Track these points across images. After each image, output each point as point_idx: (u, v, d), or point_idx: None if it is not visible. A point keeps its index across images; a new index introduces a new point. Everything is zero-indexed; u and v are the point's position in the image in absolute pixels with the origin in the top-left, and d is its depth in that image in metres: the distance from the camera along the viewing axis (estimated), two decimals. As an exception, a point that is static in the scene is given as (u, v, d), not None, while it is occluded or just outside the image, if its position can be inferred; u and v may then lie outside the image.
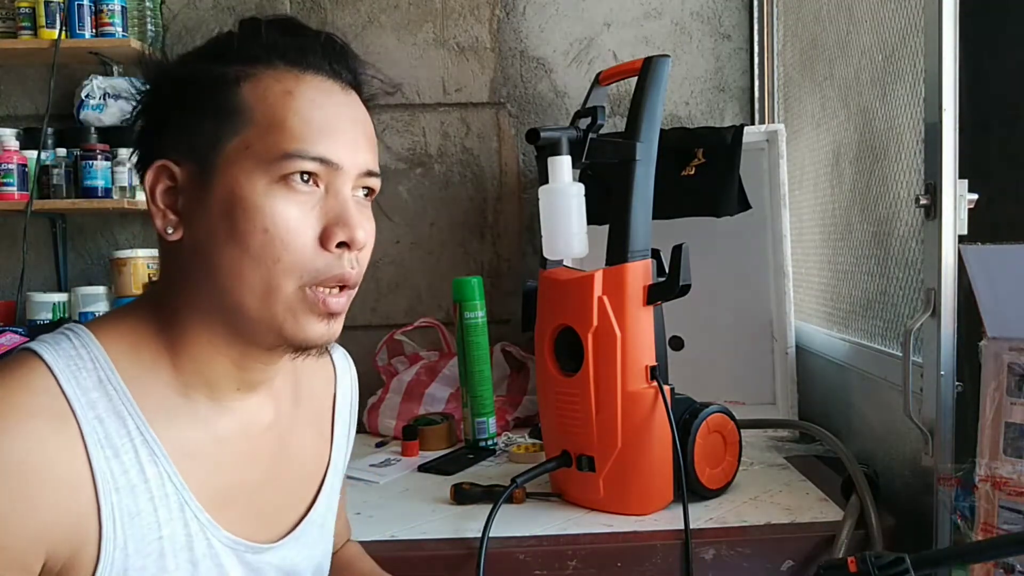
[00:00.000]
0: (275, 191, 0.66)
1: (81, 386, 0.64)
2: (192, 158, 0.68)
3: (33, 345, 0.66)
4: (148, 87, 0.71)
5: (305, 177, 0.66)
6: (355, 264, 0.69)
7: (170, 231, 0.69)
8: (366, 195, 0.72)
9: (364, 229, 0.69)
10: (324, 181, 0.68)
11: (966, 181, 1.02)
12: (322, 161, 0.67)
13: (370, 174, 0.71)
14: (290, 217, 0.66)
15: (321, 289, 0.68)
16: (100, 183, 1.74)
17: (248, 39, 0.69)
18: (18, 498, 0.59)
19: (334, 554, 0.95)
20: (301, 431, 0.82)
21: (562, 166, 1.14)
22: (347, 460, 0.90)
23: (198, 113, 0.67)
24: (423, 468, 1.42)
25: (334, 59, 0.70)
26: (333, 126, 0.68)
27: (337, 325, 0.71)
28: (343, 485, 0.95)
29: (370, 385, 1.75)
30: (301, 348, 0.70)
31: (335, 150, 0.68)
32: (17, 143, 1.76)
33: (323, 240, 0.67)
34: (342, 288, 0.69)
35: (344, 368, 0.92)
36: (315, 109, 0.68)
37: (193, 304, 0.69)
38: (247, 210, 0.65)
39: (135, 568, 0.65)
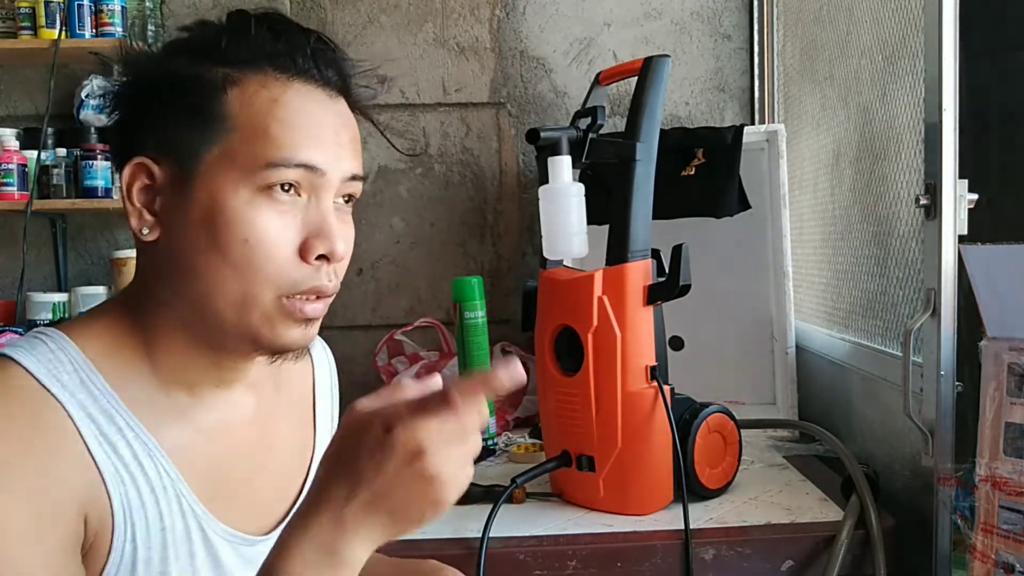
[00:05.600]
0: (258, 201, 0.65)
1: (66, 387, 0.63)
2: (173, 159, 0.66)
3: (8, 351, 0.64)
4: (128, 78, 0.68)
5: (287, 187, 0.65)
6: (333, 276, 0.69)
7: (145, 232, 0.67)
8: (347, 201, 0.71)
9: (344, 240, 0.68)
10: (306, 190, 0.67)
11: (966, 181, 1.02)
12: (306, 167, 0.66)
13: (354, 179, 0.70)
14: (271, 228, 0.65)
15: (298, 298, 0.67)
16: (100, 183, 1.74)
17: (236, 40, 0.67)
18: (43, 470, 0.60)
19: None
20: (283, 421, 0.81)
21: (562, 166, 1.14)
22: None
23: (180, 114, 0.66)
24: (423, 468, 1.42)
25: (324, 64, 0.69)
26: (317, 133, 0.67)
27: (313, 329, 0.70)
28: None
29: (370, 385, 1.75)
30: (278, 352, 0.69)
31: (319, 157, 0.66)
32: (17, 143, 1.76)
33: (303, 252, 0.66)
34: (319, 296, 0.69)
35: (321, 355, 0.91)
36: (300, 116, 0.66)
37: (168, 306, 0.68)
38: (229, 220, 0.64)
39: (142, 559, 0.65)
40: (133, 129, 0.69)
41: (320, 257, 0.67)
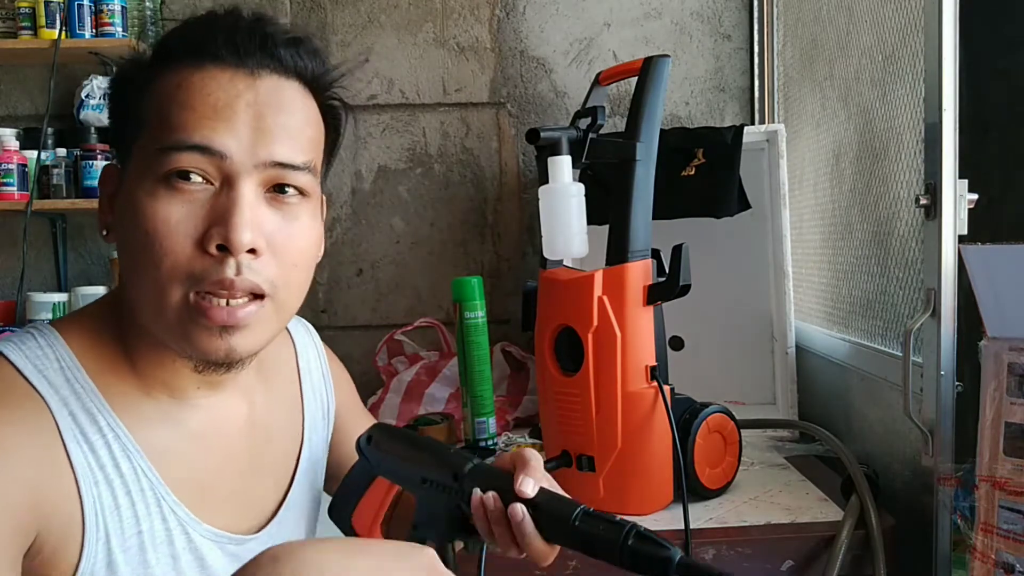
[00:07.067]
0: (158, 191, 0.62)
1: (51, 384, 0.64)
2: (120, 162, 0.68)
3: None
4: (110, 91, 0.71)
5: (193, 176, 0.62)
6: (244, 270, 0.62)
7: (104, 232, 0.69)
8: (284, 193, 0.66)
9: (253, 231, 0.62)
10: (216, 177, 0.63)
11: (966, 181, 1.02)
12: (202, 149, 0.61)
13: (280, 166, 0.64)
14: (170, 218, 0.61)
15: (208, 298, 0.62)
16: (100, 183, 1.74)
17: (167, 37, 0.67)
18: (4, 477, 0.59)
19: None
20: (275, 416, 0.81)
21: (562, 166, 1.14)
22: (329, 433, 0.89)
23: (122, 119, 0.68)
24: (423, 468, 1.42)
25: (245, 43, 0.65)
26: (222, 112, 0.62)
27: (240, 339, 0.64)
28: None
29: (370, 385, 1.75)
30: (202, 362, 0.66)
31: (220, 139, 0.62)
32: (17, 143, 1.76)
33: (202, 242, 0.62)
34: (253, 298, 0.64)
35: (305, 341, 0.89)
36: (202, 97, 0.63)
37: (132, 308, 0.68)
38: (134, 212, 0.63)
39: (118, 562, 0.65)
40: (112, 138, 0.71)
41: (221, 248, 0.62)
